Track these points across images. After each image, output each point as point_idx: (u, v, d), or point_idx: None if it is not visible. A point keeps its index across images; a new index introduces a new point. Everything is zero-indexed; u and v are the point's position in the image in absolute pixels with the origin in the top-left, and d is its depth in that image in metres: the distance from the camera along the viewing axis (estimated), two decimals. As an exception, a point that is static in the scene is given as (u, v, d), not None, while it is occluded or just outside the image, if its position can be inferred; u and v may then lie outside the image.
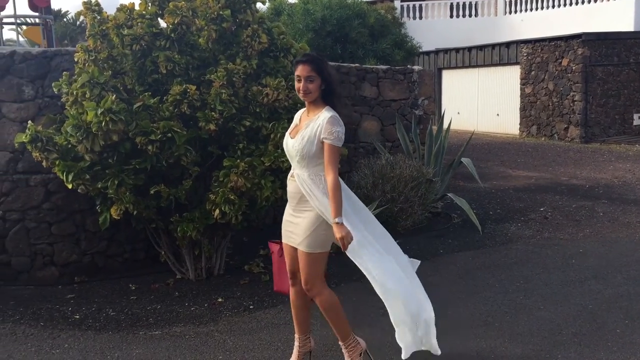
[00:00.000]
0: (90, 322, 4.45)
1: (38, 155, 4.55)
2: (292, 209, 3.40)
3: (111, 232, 5.46)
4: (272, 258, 3.83)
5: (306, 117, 3.36)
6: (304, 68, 3.24)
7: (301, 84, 3.25)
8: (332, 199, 3.15)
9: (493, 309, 4.50)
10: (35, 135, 4.45)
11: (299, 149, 3.25)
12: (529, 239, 6.45)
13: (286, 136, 3.42)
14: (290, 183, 3.39)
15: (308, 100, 3.31)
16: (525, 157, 12.69)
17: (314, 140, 3.21)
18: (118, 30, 4.69)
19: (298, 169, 3.32)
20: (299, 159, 3.27)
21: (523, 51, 16.29)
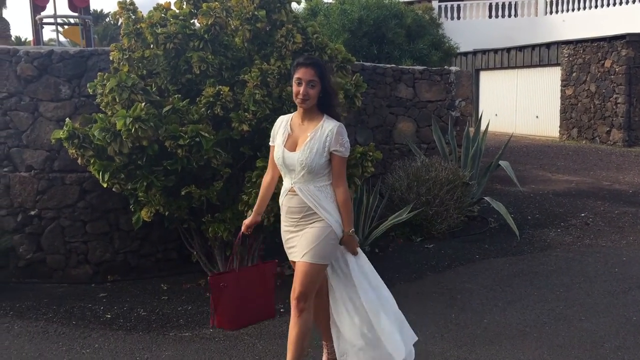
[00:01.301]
0: (121, 322, 4.45)
1: (74, 152, 4.56)
2: (294, 224, 3.19)
3: (144, 232, 5.47)
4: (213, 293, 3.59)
5: (302, 126, 3.16)
6: (307, 71, 3.06)
7: (301, 88, 3.06)
8: (345, 211, 3.13)
9: (531, 318, 4.34)
10: (73, 132, 4.47)
11: (307, 162, 3.06)
12: (569, 245, 6.24)
13: (279, 148, 3.17)
14: (292, 198, 3.16)
15: (304, 107, 3.11)
16: (566, 161, 12.36)
17: (323, 152, 3.07)
18: (152, 29, 4.68)
19: (301, 182, 3.12)
20: (305, 173, 3.08)
21: (564, 52, 15.89)
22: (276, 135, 3.24)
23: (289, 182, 3.17)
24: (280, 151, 3.16)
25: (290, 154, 3.12)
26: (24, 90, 5.31)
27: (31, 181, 5.33)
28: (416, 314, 4.44)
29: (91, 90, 4.75)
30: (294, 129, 3.18)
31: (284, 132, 3.20)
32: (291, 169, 3.13)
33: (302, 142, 3.10)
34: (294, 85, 3.10)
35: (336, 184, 3.12)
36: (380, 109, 7.27)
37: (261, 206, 3.44)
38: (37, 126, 5.33)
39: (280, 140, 3.19)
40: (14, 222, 5.36)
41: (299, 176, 3.12)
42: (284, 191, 3.22)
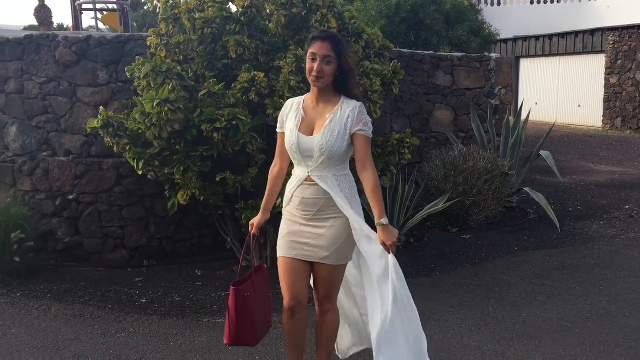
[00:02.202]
0: (156, 307, 4.47)
1: (110, 140, 4.59)
2: (309, 219, 2.90)
3: (179, 218, 5.49)
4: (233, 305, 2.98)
5: (317, 108, 2.89)
6: (323, 46, 2.78)
7: (315, 64, 2.78)
8: (377, 198, 2.79)
9: (573, 313, 4.20)
10: (107, 120, 4.49)
11: (328, 147, 2.79)
12: (613, 238, 6.04)
13: (292, 133, 2.86)
14: (307, 188, 2.88)
15: (318, 86, 2.83)
16: (609, 151, 11.98)
17: (345, 134, 2.80)
18: (190, 14, 4.65)
19: (319, 170, 2.85)
20: (325, 159, 2.81)
21: (609, 39, 15.37)
22: (286, 120, 2.95)
23: (305, 171, 2.89)
24: (295, 136, 2.86)
25: (307, 138, 2.84)
26: (63, 75, 5.36)
27: (69, 166, 5.38)
28: (453, 307, 4.35)
29: (129, 74, 4.76)
30: (307, 112, 2.90)
31: (296, 115, 2.91)
32: (307, 155, 2.85)
33: (321, 126, 2.83)
34: (307, 61, 2.83)
35: (363, 167, 2.82)
36: (417, 97, 7.13)
37: (270, 202, 3.15)
38: (75, 111, 5.38)
39: (292, 125, 2.89)
40: (53, 206, 5.43)
41: (317, 163, 2.85)
42: (296, 181, 2.93)
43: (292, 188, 2.95)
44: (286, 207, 3.00)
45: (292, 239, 2.94)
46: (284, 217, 3.02)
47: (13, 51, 5.37)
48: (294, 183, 2.94)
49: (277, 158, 3.08)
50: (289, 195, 2.98)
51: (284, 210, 3.02)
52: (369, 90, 4.66)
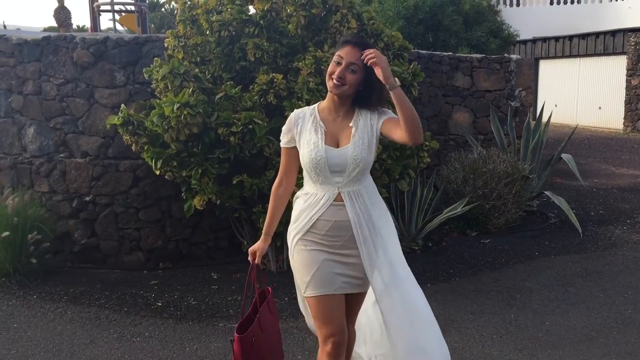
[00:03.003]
0: (172, 310, 4.43)
1: (128, 138, 4.56)
2: (339, 246, 2.58)
3: (195, 220, 5.45)
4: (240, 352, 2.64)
5: (336, 120, 2.58)
6: (352, 52, 2.47)
7: (339, 69, 2.47)
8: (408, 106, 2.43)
9: (597, 322, 4.09)
10: (127, 118, 4.46)
11: (362, 156, 2.53)
12: (636, 244, 5.89)
13: (315, 147, 2.53)
14: (340, 209, 2.56)
15: (336, 93, 2.51)
16: (631, 154, 11.77)
17: (373, 140, 2.56)
18: (207, 15, 4.61)
19: (350, 185, 2.57)
20: (359, 171, 2.55)
21: (631, 40, 15.12)
22: (299, 133, 2.60)
23: (333, 189, 2.56)
24: (322, 150, 2.52)
25: (337, 151, 2.54)
26: (80, 77, 5.34)
27: (86, 167, 5.37)
28: (473, 313, 4.26)
29: (146, 76, 4.73)
30: (326, 124, 2.58)
31: (316, 128, 2.57)
32: (337, 170, 2.54)
33: (348, 136, 2.55)
34: (331, 64, 2.52)
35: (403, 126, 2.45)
36: (435, 99, 7.04)
37: (272, 226, 2.78)
38: (93, 112, 5.36)
39: (314, 138, 2.55)
40: (69, 207, 5.42)
41: (348, 178, 2.56)
42: (323, 202, 2.57)
43: (317, 211, 2.58)
44: (304, 235, 2.60)
45: (326, 272, 2.58)
46: (300, 247, 2.61)
47: (31, 52, 5.37)
48: (318, 205, 2.58)
49: (283, 176, 2.73)
50: (309, 220, 2.59)
51: (300, 240, 2.62)
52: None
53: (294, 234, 2.64)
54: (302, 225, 2.61)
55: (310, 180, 2.62)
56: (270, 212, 2.76)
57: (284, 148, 2.70)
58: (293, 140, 2.64)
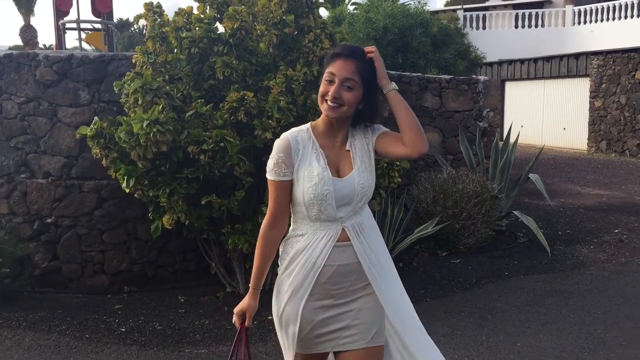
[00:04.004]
0: (136, 336, 4.28)
1: (98, 152, 4.43)
2: (342, 294, 2.17)
3: (162, 242, 5.31)
4: None
5: (335, 146, 2.21)
6: (345, 66, 2.10)
7: (333, 88, 2.09)
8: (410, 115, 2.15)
9: (568, 342, 4.08)
10: (100, 130, 4.34)
11: (369, 183, 2.19)
12: (604, 263, 5.95)
13: (320, 177, 2.12)
14: (343, 251, 2.16)
15: (332, 117, 2.13)
16: (595, 174, 12.00)
17: (372, 161, 2.23)
18: (177, 33, 4.54)
19: (353, 218, 2.19)
20: (364, 201, 2.20)
21: (593, 63, 15.53)
22: (298, 162, 2.15)
23: (336, 226, 2.16)
24: (329, 182, 2.12)
25: (343, 181, 2.15)
26: (43, 95, 5.20)
27: (48, 188, 5.20)
28: (445, 335, 4.21)
29: (117, 89, 4.61)
30: (325, 150, 2.18)
31: (316, 155, 2.16)
32: (344, 203, 2.15)
33: (349, 161, 2.19)
34: (322, 84, 2.14)
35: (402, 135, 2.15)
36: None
37: (263, 276, 2.24)
38: (56, 132, 5.21)
39: (318, 168, 2.13)
40: (30, 229, 5.24)
41: (352, 211, 2.18)
42: (324, 243, 2.15)
43: (318, 256, 2.14)
44: (299, 284, 2.16)
45: (319, 330, 2.17)
46: (292, 298, 2.17)
47: (-8, 70, 5.21)
48: (317, 247, 2.15)
49: (276, 215, 2.20)
50: (311, 269, 2.15)
51: (290, 288, 2.18)
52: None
53: (287, 288, 2.17)
54: (300, 277, 2.15)
55: (306, 217, 2.17)
56: (260, 260, 2.22)
57: (277, 181, 2.16)
58: (291, 172, 2.16)
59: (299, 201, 2.16)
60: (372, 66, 2.13)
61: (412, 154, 2.13)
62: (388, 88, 2.14)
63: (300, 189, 2.15)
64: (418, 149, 2.13)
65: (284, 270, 2.22)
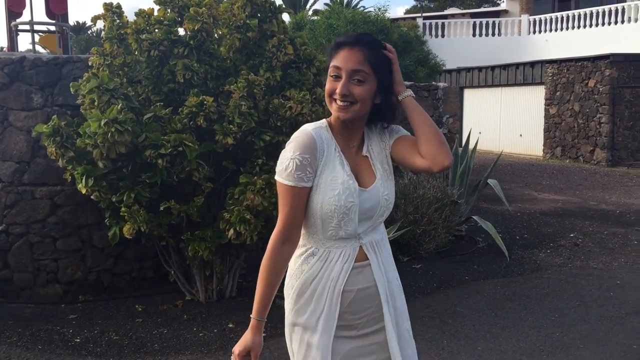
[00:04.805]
0: (91, 347, 4.14)
1: (54, 151, 4.28)
2: (363, 324, 1.90)
3: (119, 249, 5.17)
4: None
5: (352, 148, 1.91)
6: (352, 56, 1.79)
7: (340, 84, 1.79)
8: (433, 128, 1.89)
9: (527, 346, 4.13)
10: (57, 128, 4.20)
11: (392, 194, 1.93)
12: (560, 267, 6.06)
13: (349, 187, 1.82)
14: (360, 272, 1.88)
15: (344, 118, 1.82)
16: (551, 180, 12.28)
17: (392, 168, 1.95)
18: (137, 35, 4.44)
19: (370, 234, 1.92)
20: (386, 215, 1.94)
21: (548, 71, 15.92)
22: (323, 165, 1.82)
23: (354, 244, 1.88)
24: (354, 192, 1.82)
25: (368, 192, 1.86)
26: (-6, 98, 5.02)
27: (-1, 194, 5.01)
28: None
29: (73, 90, 4.48)
30: (346, 156, 1.89)
31: (339, 159, 1.85)
32: (366, 217, 1.87)
33: (368, 168, 1.91)
34: (327, 81, 1.84)
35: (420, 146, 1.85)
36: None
37: (269, 303, 1.88)
38: (7, 136, 5.03)
39: (342, 176, 1.82)
40: (-20, 237, 5.03)
41: (372, 226, 1.92)
42: (339, 265, 1.86)
43: (334, 278, 1.85)
44: (323, 317, 1.85)
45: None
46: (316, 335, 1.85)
47: (-61, 71, 5.00)
48: (334, 269, 1.85)
49: (290, 228, 1.84)
50: (325, 294, 1.85)
51: (301, 321, 1.87)
52: (321, 117, 4.53)
53: (305, 322, 1.86)
54: (320, 309, 1.84)
55: (319, 232, 1.86)
56: (268, 282, 1.84)
57: (298, 188, 1.80)
58: (313, 177, 1.82)
59: (314, 213, 1.83)
60: (383, 54, 1.85)
61: (433, 168, 1.83)
62: (404, 94, 1.89)
63: (318, 199, 1.81)
64: (440, 163, 1.81)
65: (295, 300, 1.87)
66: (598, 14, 18.88)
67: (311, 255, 1.88)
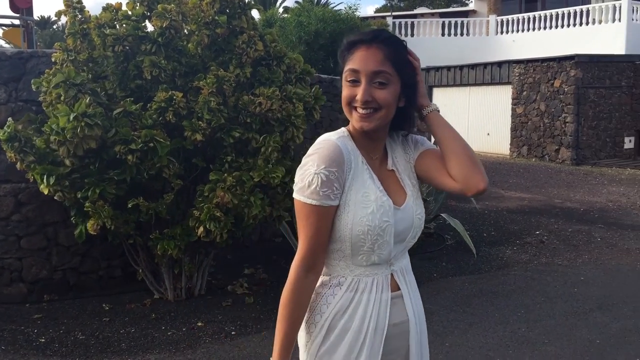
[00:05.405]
0: (57, 347, 4.07)
1: (13, 156, 4.19)
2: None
3: (85, 247, 5.09)
4: None
5: (375, 160, 1.67)
6: (371, 54, 1.56)
7: (361, 89, 1.55)
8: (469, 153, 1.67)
9: (494, 341, 4.20)
10: (14, 133, 4.10)
11: (423, 215, 1.71)
12: (526, 264, 6.17)
13: (383, 205, 1.58)
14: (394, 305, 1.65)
15: (370, 129, 1.58)
16: (517, 178, 12.49)
17: (418, 184, 1.73)
18: (100, 29, 4.37)
19: (400, 259, 1.69)
20: (417, 238, 1.72)
21: (515, 71, 16.17)
22: (351, 180, 1.58)
23: (383, 270, 1.65)
24: (389, 210, 1.59)
25: (402, 210, 1.64)
26: (-45, 92, 4.88)
27: (-40, 191, 4.88)
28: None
29: (35, 87, 4.39)
30: (374, 170, 1.65)
31: (368, 173, 1.62)
32: (399, 239, 1.65)
33: (396, 184, 1.68)
34: (343, 87, 1.60)
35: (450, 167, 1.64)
36: (336, 122, 7.09)
37: (292, 344, 1.62)
38: (-31, 131, 4.90)
39: (375, 192, 1.59)
40: (-60, 235, 4.90)
41: (404, 250, 1.71)
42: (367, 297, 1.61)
43: (372, 311, 1.61)
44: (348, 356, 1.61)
45: None
46: None
47: None
48: (371, 300, 1.61)
49: (316, 254, 1.58)
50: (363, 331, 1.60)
51: None
52: (292, 114, 4.54)
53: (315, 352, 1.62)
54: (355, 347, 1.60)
55: (347, 258, 1.62)
56: (292, 318, 1.58)
57: (324, 207, 1.55)
58: (340, 192, 1.56)
59: (342, 236, 1.58)
60: (402, 49, 1.61)
61: (466, 192, 1.62)
62: (429, 108, 1.68)
63: (347, 219, 1.57)
64: (474, 186, 1.60)
65: (323, 337, 1.60)
66: (564, 15, 19.24)
67: (337, 286, 1.62)
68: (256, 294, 5.10)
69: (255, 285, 5.28)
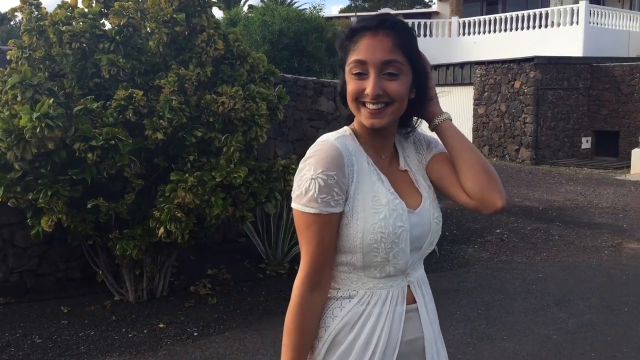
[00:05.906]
0: (12, 351, 3.97)
1: None
2: None
3: (43, 249, 4.98)
4: None
5: (383, 160, 1.51)
6: (378, 43, 1.39)
7: (370, 83, 1.39)
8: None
9: (455, 338, 4.26)
10: None
11: (441, 219, 1.55)
12: (487, 262, 6.29)
13: (396, 209, 1.43)
14: (409, 319, 1.49)
15: (381, 126, 1.43)
16: (479, 178, 12.68)
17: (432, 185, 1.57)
18: (55, 26, 4.27)
19: (416, 268, 1.54)
20: (435, 244, 1.57)
21: (477, 72, 16.43)
22: (355, 184, 1.42)
23: (399, 281, 1.48)
24: (403, 214, 1.44)
25: (417, 214, 1.49)
26: None
27: None
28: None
29: (-13, 89, 4.27)
30: (382, 171, 1.49)
31: (376, 175, 1.46)
32: (415, 247, 1.49)
33: (409, 186, 1.54)
34: (348, 81, 1.43)
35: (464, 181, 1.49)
36: (300, 122, 7.10)
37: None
38: None
39: (386, 194, 1.44)
40: None
41: (420, 258, 1.55)
42: (386, 312, 1.45)
43: (382, 326, 1.44)
44: None
45: None
46: None
47: None
48: (382, 315, 1.44)
49: (317, 272, 1.42)
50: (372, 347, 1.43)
51: None
52: (255, 114, 4.52)
53: None
54: None
55: (359, 270, 1.45)
56: (296, 344, 1.42)
57: (326, 215, 1.39)
58: (342, 198, 1.40)
59: (352, 246, 1.42)
60: (411, 33, 1.45)
61: (482, 210, 1.48)
62: (442, 117, 1.55)
63: (357, 227, 1.41)
64: (490, 204, 1.46)
65: (326, 351, 1.45)
66: (524, 17, 19.63)
67: (347, 298, 1.45)
68: (219, 294, 5.06)
69: (219, 286, 5.25)
